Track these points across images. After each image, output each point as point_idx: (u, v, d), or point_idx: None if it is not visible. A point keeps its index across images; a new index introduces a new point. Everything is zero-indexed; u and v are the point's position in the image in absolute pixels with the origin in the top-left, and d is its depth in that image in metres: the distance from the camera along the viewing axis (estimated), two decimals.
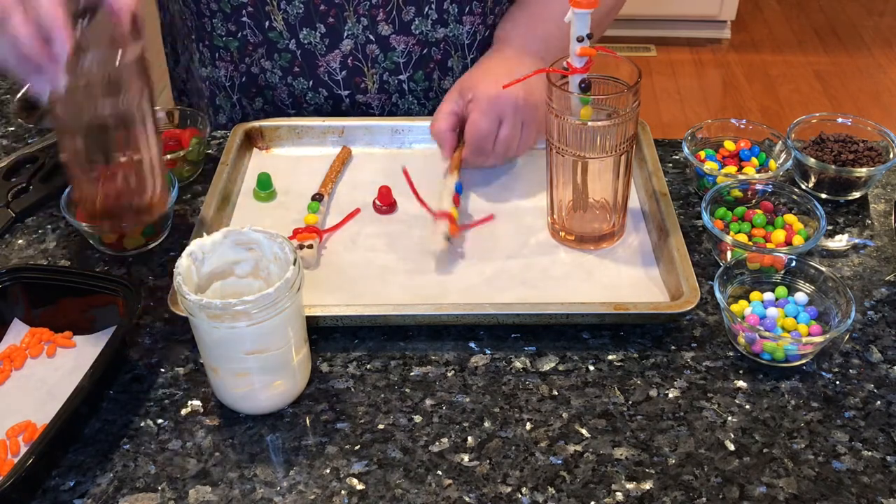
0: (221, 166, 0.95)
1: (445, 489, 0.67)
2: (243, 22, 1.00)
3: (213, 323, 0.66)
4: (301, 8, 0.98)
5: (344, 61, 1.01)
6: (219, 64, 1.06)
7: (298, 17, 0.98)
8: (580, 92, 0.79)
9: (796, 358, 0.76)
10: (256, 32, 1.01)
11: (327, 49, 1.00)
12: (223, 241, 0.71)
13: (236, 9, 0.99)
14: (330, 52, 1.01)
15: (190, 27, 1.06)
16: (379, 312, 0.78)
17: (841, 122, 0.99)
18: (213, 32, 1.03)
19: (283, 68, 1.03)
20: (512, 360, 0.77)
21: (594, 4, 0.75)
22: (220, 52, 1.04)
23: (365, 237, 0.90)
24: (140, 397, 0.74)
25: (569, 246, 0.88)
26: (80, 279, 0.79)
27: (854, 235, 0.91)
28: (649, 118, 2.80)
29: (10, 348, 0.78)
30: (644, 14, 3.21)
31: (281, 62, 1.02)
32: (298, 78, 1.03)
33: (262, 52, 1.02)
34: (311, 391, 0.74)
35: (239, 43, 1.02)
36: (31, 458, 0.64)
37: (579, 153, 0.82)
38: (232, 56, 1.04)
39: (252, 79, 1.05)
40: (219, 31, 1.02)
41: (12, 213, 0.93)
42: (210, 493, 0.67)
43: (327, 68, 1.02)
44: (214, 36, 1.03)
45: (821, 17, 3.48)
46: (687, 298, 0.77)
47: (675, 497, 0.66)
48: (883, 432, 0.71)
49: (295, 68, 1.03)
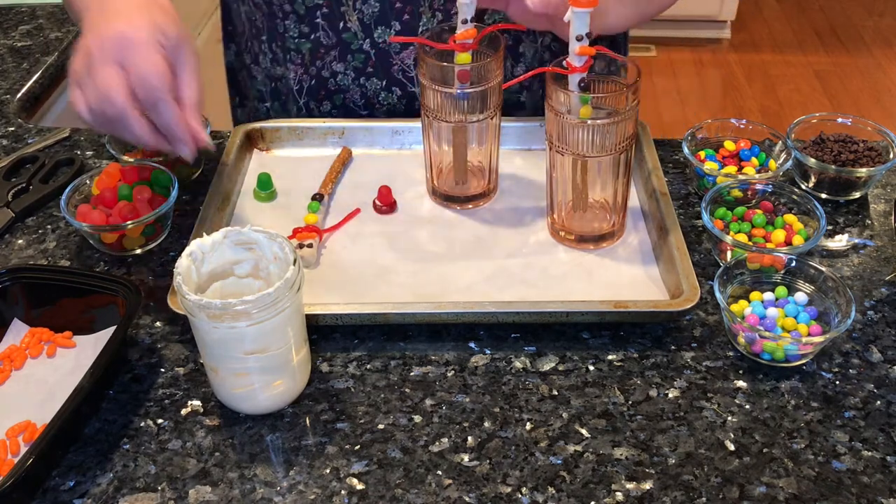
0: (221, 166, 0.95)
1: (445, 489, 0.67)
2: (317, 23, 0.99)
3: (213, 323, 0.66)
4: (377, 7, 0.97)
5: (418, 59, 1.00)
6: (289, 66, 1.04)
7: (374, 16, 0.97)
8: (579, 91, 0.79)
9: (796, 358, 0.76)
10: (330, 34, 1.00)
11: (402, 46, 0.99)
12: (223, 241, 0.71)
13: (311, 10, 0.98)
14: (405, 48, 0.99)
15: (260, 28, 1.04)
16: (379, 311, 0.78)
17: (841, 122, 0.99)
18: (286, 34, 1.02)
19: (357, 69, 1.02)
20: (512, 359, 0.77)
21: (594, 3, 0.75)
22: (291, 53, 1.03)
23: (365, 237, 0.90)
24: (140, 397, 0.74)
25: (569, 245, 0.88)
26: (80, 279, 0.79)
27: (854, 235, 0.91)
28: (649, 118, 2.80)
29: (10, 348, 0.78)
30: None
31: (354, 63, 1.01)
32: (371, 78, 1.02)
33: (334, 54, 1.01)
34: (311, 391, 0.75)
35: (311, 45, 1.01)
36: (31, 458, 0.64)
37: (579, 152, 0.82)
38: (303, 59, 1.03)
39: (322, 82, 1.04)
40: (291, 32, 1.01)
41: (12, 213, 0.93)
42: (210, 493, 0.67)
43: (402, 66, 1.01)
44: (287, 38, 1.02)
45: (821, 17, 3.49)
46: (687, 297, 0.77)
47: (675, 497, 0.66)
48: (883, 432, 0.71)
49: (368, 68, 1.01)
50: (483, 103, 0.87)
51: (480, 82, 0.86)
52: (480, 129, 0.90)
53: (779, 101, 2.98)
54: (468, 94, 0.86)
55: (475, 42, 0.85)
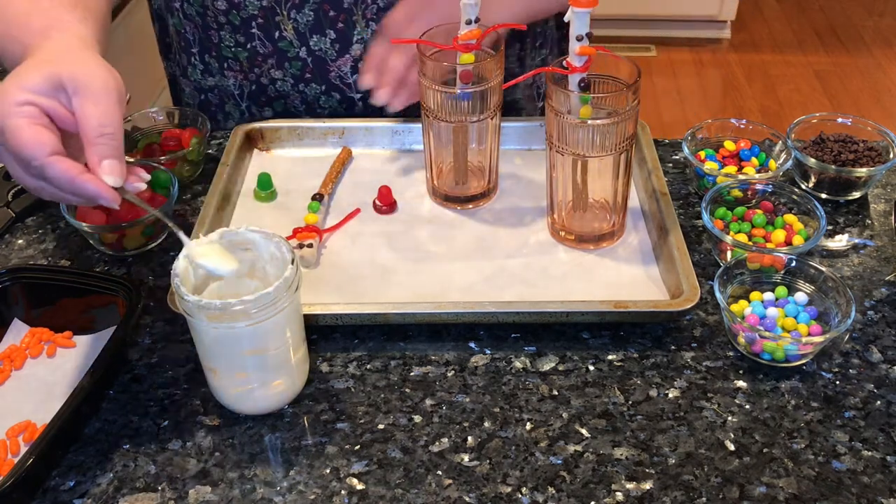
0: (222, 167, 0.95)
1: (445, 489, 0.67)
2: (253, 33, 1.00)
3: (212, 323, 0.66)
4: (311, 16, 0.98)
5: (354, 65, 1.01)
6: (227, 73, 1.05)
7: (308, 25, 0.99)
8: (580, 91, 0.79)
9: (796, 358, 0.76)
10: (266, 43, 1.01)
11: (338, 54, 1.01)
12: (219, 241, 0.71)
13: (245, 21, 0.99)
14: (340, 56, 1.01)
15: (191, 40, 1.05)
16: (379, 311, 0.78)
17: (841, 122, 0.99)
18: (221, 44, 1.03)
19: (295, 76, 1.03)
20: (512, 360, 0.77)
21: (594, 3, 0.75)
22: (229, 62, 1.04)
23: (365, 237, 0.90)
24: (140, 397, 0.74)
25: (569, 245, 0.88)
26: (80, 279, 0.79)
27: (854, 235, 0.91)
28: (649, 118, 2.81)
29: (10, 348, 0.78)
30: (644, 14, 3.21)
31: (292, 70, 1.02)
32: (310, 84, 1.03)
33: (271, 62, 1.02)
34: (310, 391, 0.74)
35: (248, 53, 1.02)
36: (31, 458, 0.64)
37: (579, 152, 0.82)
38: (241, 66, 1.04)
39: (262, 88, 1.05)
40: (227, 42, 1.02)
41: (12, 213, 0.93)
42: (210, 493, 0.67)
43: (339, 73, 1.02)
44: (223, 47, 1.03)
45: (821, 17, 3.48)
46: (687, 297, 0.77)
47: (675, 497, 0.66)
48: (883, 432, 0.71)
49: (306, 75, 1.03)
50: (483, 103, 0.87)
51: (480, 82, 0.86)
52: (480, 129, 0.90)
53: (779, 101, 2.98)
54: (470, 95, 0.86)
55: (478, 42, 0.85)
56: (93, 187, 0.68)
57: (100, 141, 0.68)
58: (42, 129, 0.68)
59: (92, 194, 0.69)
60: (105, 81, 0.70)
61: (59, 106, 0.70)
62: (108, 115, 0.69)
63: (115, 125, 0.69)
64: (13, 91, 0.69)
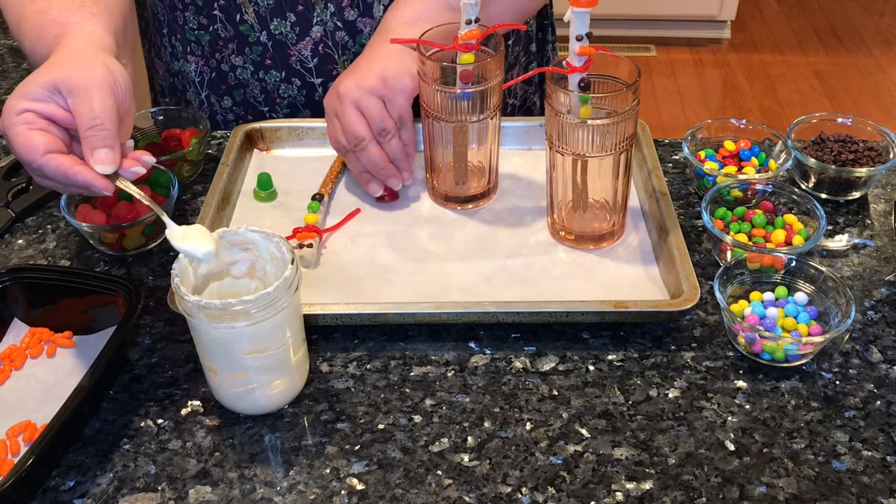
0: (222, 167, 0.95)
1: (445, 489, 0.67)
2: (215, 15, 1.01)
3: (212, 323, 0.66)
4: None
5: (315, 49, 1.02)
6: (189, 59, 1.06)
7: (269, 8, 0.99)
8: (579, 91, 0.79)
9: (796, 358, 0.76)
10: (227, 26, 1.01)
11: (298, 38, 1.01)
12: (219, 241, 0.71)
13: (208, 2, 1.00)
14: (301, 40, 1.01)
15: (162, 21, 1.06)
16: (379, 311, 0.78)
17: (841, 122, 0.99)
18: (186, 26, 1.03)
19: (255, 62, 1.03)
20: (512, 360, 0.77)
21: (594, 3, 0.75)
22: (192, 45, 1.05)
23: (365, 237, 0.90)
24: (140, 397, 0.74)
25: (568, 245, 0.88)
26: (80, 279, 0.79)
27: (854, 235, 0.91)
28: (649, 118, 2.81)
29: (10, 348, 0.78)
30: (644, 14, 3.21)
31: (252, 56, 1.03)
32: (270, 71, 1.04)
33: (232, 47, 1.03)
34: (310, 391, 0.75)
35: (210, 37, 1.03)
36: (31, 458, 0.64)
37: (579, 152, 0.82)
38: (203, 50, 1.05)
39: (221, 76, 1.06)
40: (191, 24, 1.03)
41: (12, 213, 0.93)
42: (210, 493, 0.67)
43: (299, 57, 1.02)
44: (186, 29, 1.04)
45: (821, 17, 3.49)
46: (687, 297, 0.77)
47: (675, 497, 0.66)
48: (883, 432, 0.71)
49: (267, 61, 1.03)
50: (483, 103, 0.87)
51: (480, 82, 0.86)
52: (480, 129, 0.90)
53: (779, 101, 2.98)
54: (470, 95, 0.86)
55: (478, 42, 0.85)
56: (83, 177, 0.72)
57: (90, 133, 0.72)
58: (36, 133, 0.72)
59: (83, 184, 0.72)
60: (99, 77, 0.73)
61: (57, 108, 0.73)
62: (99, 108, 0.72)
63: (105, 116, 0.72)
64: (14, 102, 0.73)
